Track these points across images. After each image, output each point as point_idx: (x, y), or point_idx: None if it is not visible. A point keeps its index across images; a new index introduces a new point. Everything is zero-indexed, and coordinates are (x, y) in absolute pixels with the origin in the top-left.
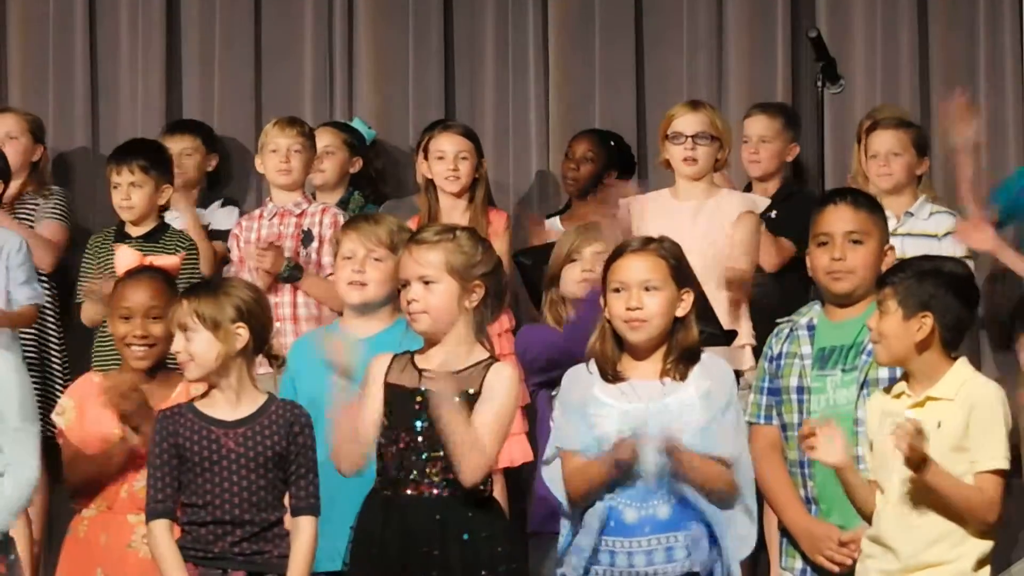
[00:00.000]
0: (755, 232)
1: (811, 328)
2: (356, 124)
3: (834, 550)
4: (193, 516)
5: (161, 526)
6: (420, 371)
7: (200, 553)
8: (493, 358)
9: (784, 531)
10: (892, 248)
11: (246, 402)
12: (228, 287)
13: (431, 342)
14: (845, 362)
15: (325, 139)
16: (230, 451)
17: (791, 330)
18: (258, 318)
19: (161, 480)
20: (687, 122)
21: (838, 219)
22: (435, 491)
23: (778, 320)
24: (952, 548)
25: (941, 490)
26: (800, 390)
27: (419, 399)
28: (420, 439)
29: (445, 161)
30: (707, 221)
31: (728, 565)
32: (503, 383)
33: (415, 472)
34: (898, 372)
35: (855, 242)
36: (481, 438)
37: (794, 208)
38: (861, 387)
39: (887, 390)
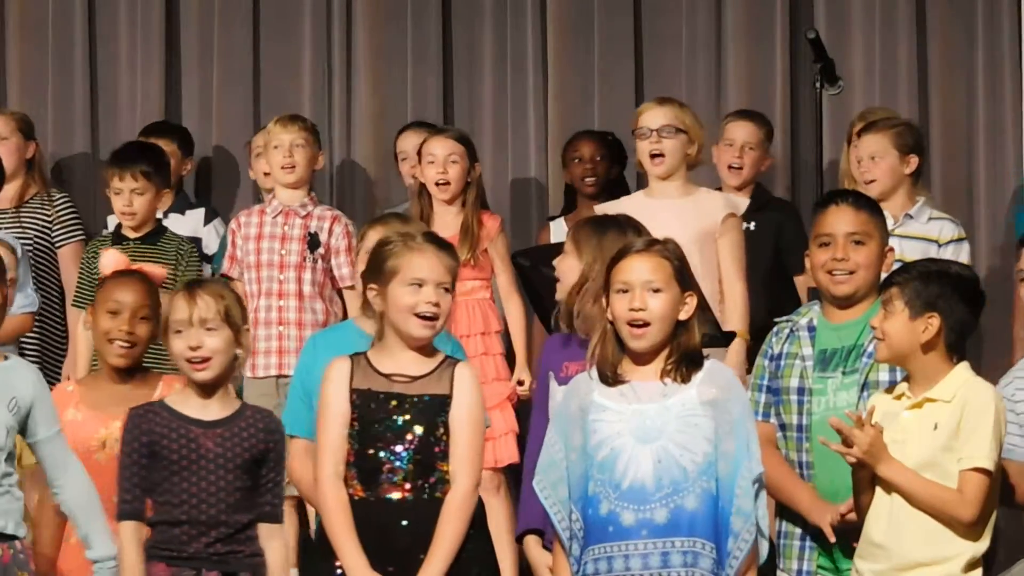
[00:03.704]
0: (741, 236)
1: (811, 329)
2: None
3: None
4: (166, 515)
5: (128, 528)
6: (386, 375)
7: (173, 553)
8: (449, 358)
9: (780, 534)
10: (892, 250)
11: (220, 404)
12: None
13: (399, 345)
14: (846, 364)
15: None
16: (208, 451)
17: (791, 330)
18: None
19: (129, 480)
20: (652, 116)
21: (840, 220)
22: (414, 493)
23: (776, 319)
24: (942, 548)
25: (901, 487)
26: (801, 391)
27: (394, 403)
28: (395, 443)
29: (435, 164)
30: (686, 220)
31: None
32: (471, 386)
33: (395, 475)
34: (899, 374)
35: (857, 243)
36: (471, 446)
37: (770, 218)
38: (862, 389)
39: (889, 391)
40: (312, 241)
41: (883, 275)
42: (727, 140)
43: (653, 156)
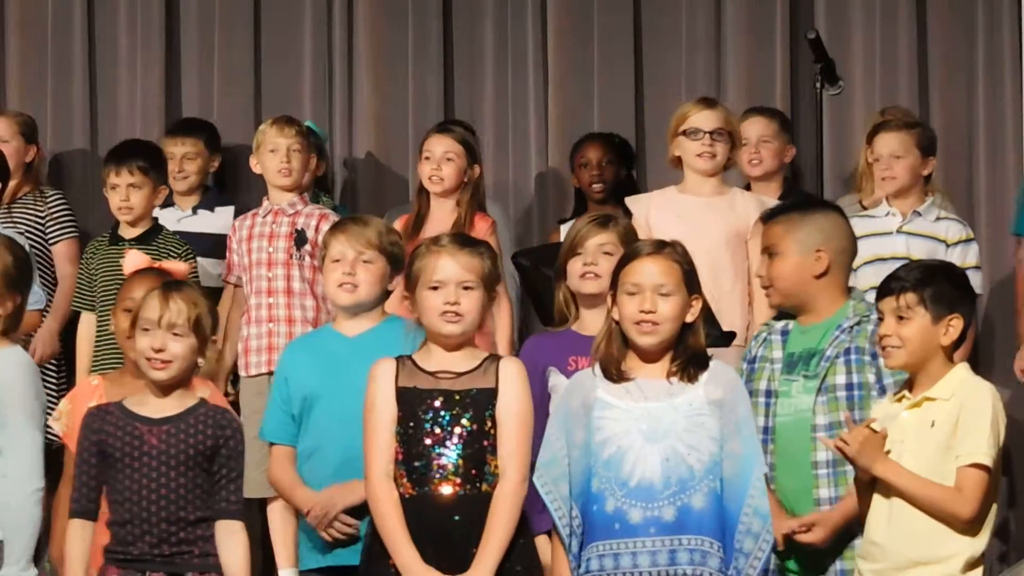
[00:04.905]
0: None
1: (784, 333)
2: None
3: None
4: (115, 515)
5: (74, 526)
6: (432, 373)
7: (121, 555)
8: (492, 354)
9: None
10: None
11: (175, 403)
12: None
13: (443, 346)
14: (807, 368)
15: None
16: (152, 448)
17: (767, 334)
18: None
19: (79, 479)
20: (705, 118)
21: (762, 236)
22: (465, 488)
23: (762, 323)
24: (941, 547)
25: (897, 486)
26: (768, 393)
27: (441, 399)
28: (444, 439)
29: (431, 161)
30: (719, 217)
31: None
32: (517, 379)
33: (445, 470)
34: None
35: (770, 256)
36: (519, 439)
37: None
38: (818, 392)
39: (894, 393)
40: (299, 237)
41: (818, 274)
42: (743, 139)
43: (701, 155)
